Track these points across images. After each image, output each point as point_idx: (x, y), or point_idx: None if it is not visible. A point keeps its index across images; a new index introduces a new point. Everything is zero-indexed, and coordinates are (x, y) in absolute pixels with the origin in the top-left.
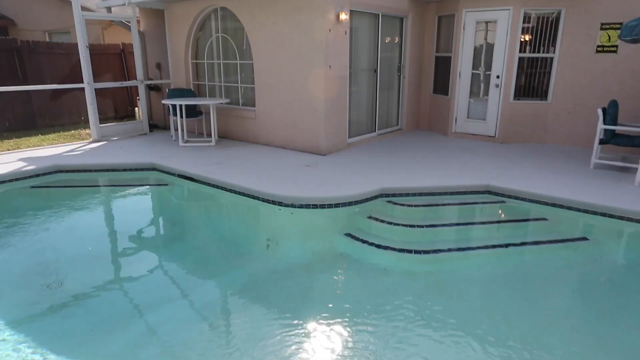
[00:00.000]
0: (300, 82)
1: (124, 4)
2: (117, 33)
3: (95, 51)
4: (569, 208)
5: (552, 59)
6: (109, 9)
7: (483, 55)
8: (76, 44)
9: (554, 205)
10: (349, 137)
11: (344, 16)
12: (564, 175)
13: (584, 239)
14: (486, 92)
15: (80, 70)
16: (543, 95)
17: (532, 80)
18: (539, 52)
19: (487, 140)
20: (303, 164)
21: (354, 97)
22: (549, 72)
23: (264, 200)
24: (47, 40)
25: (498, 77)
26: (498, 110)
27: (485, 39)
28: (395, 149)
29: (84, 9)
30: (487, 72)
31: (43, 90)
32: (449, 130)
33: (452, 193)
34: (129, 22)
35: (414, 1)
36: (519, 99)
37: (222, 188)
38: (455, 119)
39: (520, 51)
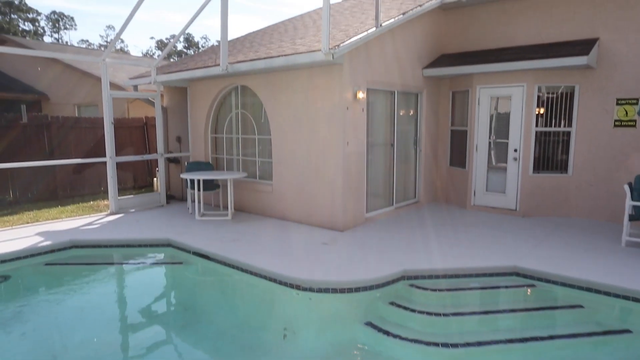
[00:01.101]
0: (317, 158)
1: (150, 83)
2: (142, 105)
3: (120, 125)
4: (607, 294)
5: (569, 132)
6: (135, 87)
7: (499, 128)
8: (102, 118)
9: (589, 289)
10: (366, 212)
11: (361, 95)
12: (596, 254)
13: (627, 331)
14: (504, 165)
15: (104, 143)
16: (563, 168)
17: (550, 153)
18: (555, 126)
19: (508, 214)
20: (321, 242)
21: (371, 172)
22: (568, 146)
23: (281, 283)
24: (76, 113)
25: (516, 150)
26: (517, 183)
27: (501, 112)
28: (414, 224)
29: (112, 84)
30: (504, 145)
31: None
32: (467, 203)
33: (477, 275)
34: (153, 99)
35: (427, 79)
36: (538, 172)
37: (237, 268)
38: (474, 192)
39: (536, 125)
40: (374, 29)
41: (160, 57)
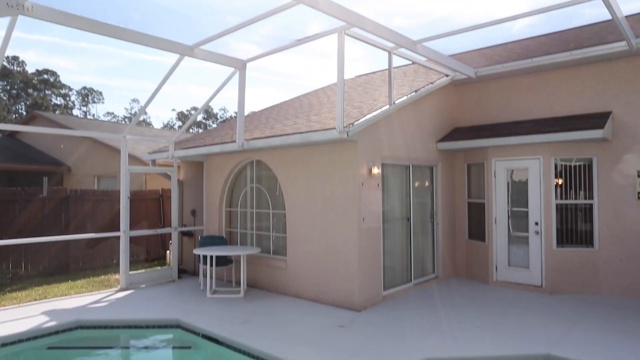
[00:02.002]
0: (332, 234)
1: (168, 158)
2: (159, 177)
3: (137, 197)
4: None
5: (591, 205)
6: (153, 160)
7: (518, 196)
8: (119, 191)
9: None
10: (384, 290)
11: (376, 170)
12: (637, 340)
13: None
14: (526, 239)
15: (120, 216)
16: (588, 242)
17: (574, 226)
18: (576, 198)
19: (533, 291)
20: (337, 324)
21: (387, 247)
22: (591, 218)
23: None
24: (96, 184)
25: (537, 223)
26: (541, 258)
27: (517, 180)
28: (435, 302)
29: (131, 157)
30: (524, 214)
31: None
32: (489, 278)
33: None
34: (170, 173)
35: (442, 152)
36: (562, 246)
37: (248, 354)
38: (496, 267)
39: (556, 197)
40: (387, 106)
41: (178, 134)
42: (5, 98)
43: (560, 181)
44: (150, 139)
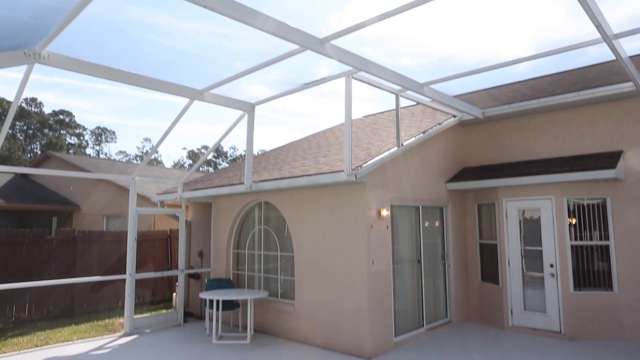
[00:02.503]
0: (341, 277)
1: (176, 199)
2: (168, 217)
3: (144, 238)
4: None
5: (607, 246)
6: (162, 202)
7: (531, 235)
8: (127, 232)
9: None
10: (395, 336)
11: (385, 212)
12: None
13: None
14: (541, 280)
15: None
16: (607, 285)
17: (591, 269)
18: (591, 239)
19: (551, 337)
20: None
21: (398, 290)
22: (608, 260)
23: None
24: (104, 224)
25: (552, 265)
26: (558, 302)
27: (529, 217)
28: (448, 350)
29: (140, 196)
30: (537, 253)
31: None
32: (505, 323)
33: None
34: (178, 214)
35: (451, 192)
36: (580, 290)
37: None
38: (511, 311)
39: (571, 238)
40: (396, 148)
41: (187, 175)
42: (21, 138)
43: (573, 220)
44: (159, 180)
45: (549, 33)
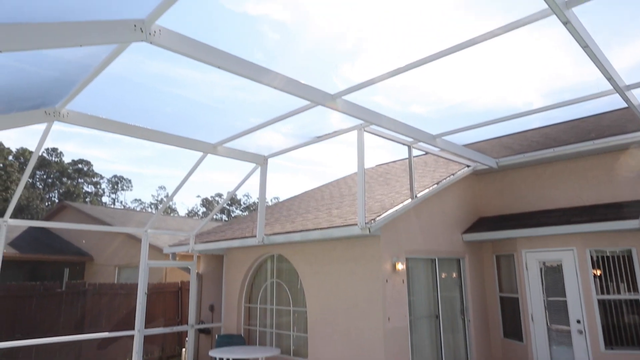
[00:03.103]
0: (356, 334)
1: (188, 251)
2: (179, 270)
3: (155, 290)
4: None
5: (637, 300)
6: (174, 254)
7: (554, 289)
8: (137, 285)
9: None
10: None
11: (400, 266)
12: None
13: None
14: (567, 334)
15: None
16: None
17: (622, 325)
18: (619, 292)
19: None
20: None
21: (416, 348)
22: None
23: None
24: (116, 275)
25: (579, 321)
26: None
27: (553, 270)
28: None
29: (152, 247)
30: (563, 309)
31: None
32: None
33: None
34: (190, 267)
35: (468, 243)
36: (611, 348)
37: None
38: None
39: (597, 292)
40: (410, 200)
41: (199, 227)
42: (40, 187)
43: (598, 272)
44: (172, 233)
45: (558, 80)
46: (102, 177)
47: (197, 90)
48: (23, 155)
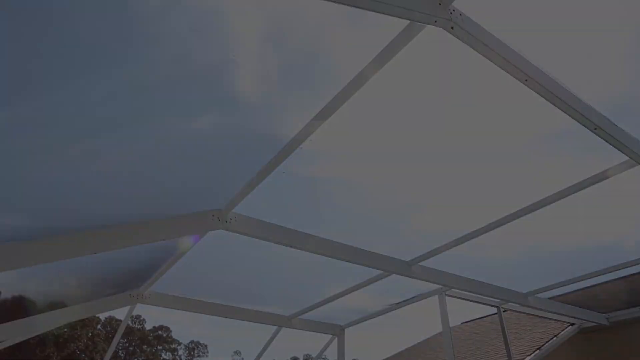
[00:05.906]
0: None
1: None
2: None
3: None
4: None
5: None
6: None
7: None
8: None
9: None
10: None
11: None
12: None
13: None
14: None
15: None
16: None
17: None
18: None
19: None
20: None
21: None
22: None
23: None
24: None
25: None
26: None
27: None
28: None
29: None
30: None
31: None
32: None
33: None
34: None
35: None
36: None
37: None
38: None
39: None
40: None
41: None
42: (122, 355)
43: None
44: None
45: None
46: (179, 344)
47: (274, 266)
48: (110, 324)
